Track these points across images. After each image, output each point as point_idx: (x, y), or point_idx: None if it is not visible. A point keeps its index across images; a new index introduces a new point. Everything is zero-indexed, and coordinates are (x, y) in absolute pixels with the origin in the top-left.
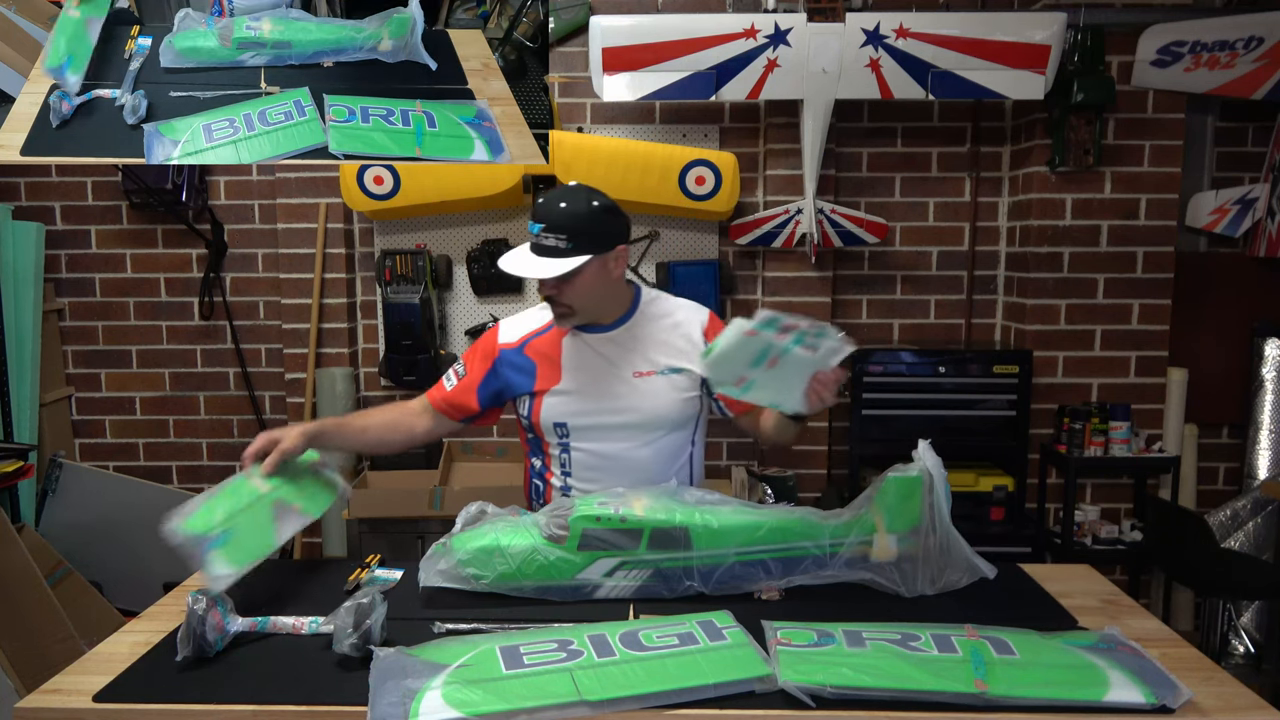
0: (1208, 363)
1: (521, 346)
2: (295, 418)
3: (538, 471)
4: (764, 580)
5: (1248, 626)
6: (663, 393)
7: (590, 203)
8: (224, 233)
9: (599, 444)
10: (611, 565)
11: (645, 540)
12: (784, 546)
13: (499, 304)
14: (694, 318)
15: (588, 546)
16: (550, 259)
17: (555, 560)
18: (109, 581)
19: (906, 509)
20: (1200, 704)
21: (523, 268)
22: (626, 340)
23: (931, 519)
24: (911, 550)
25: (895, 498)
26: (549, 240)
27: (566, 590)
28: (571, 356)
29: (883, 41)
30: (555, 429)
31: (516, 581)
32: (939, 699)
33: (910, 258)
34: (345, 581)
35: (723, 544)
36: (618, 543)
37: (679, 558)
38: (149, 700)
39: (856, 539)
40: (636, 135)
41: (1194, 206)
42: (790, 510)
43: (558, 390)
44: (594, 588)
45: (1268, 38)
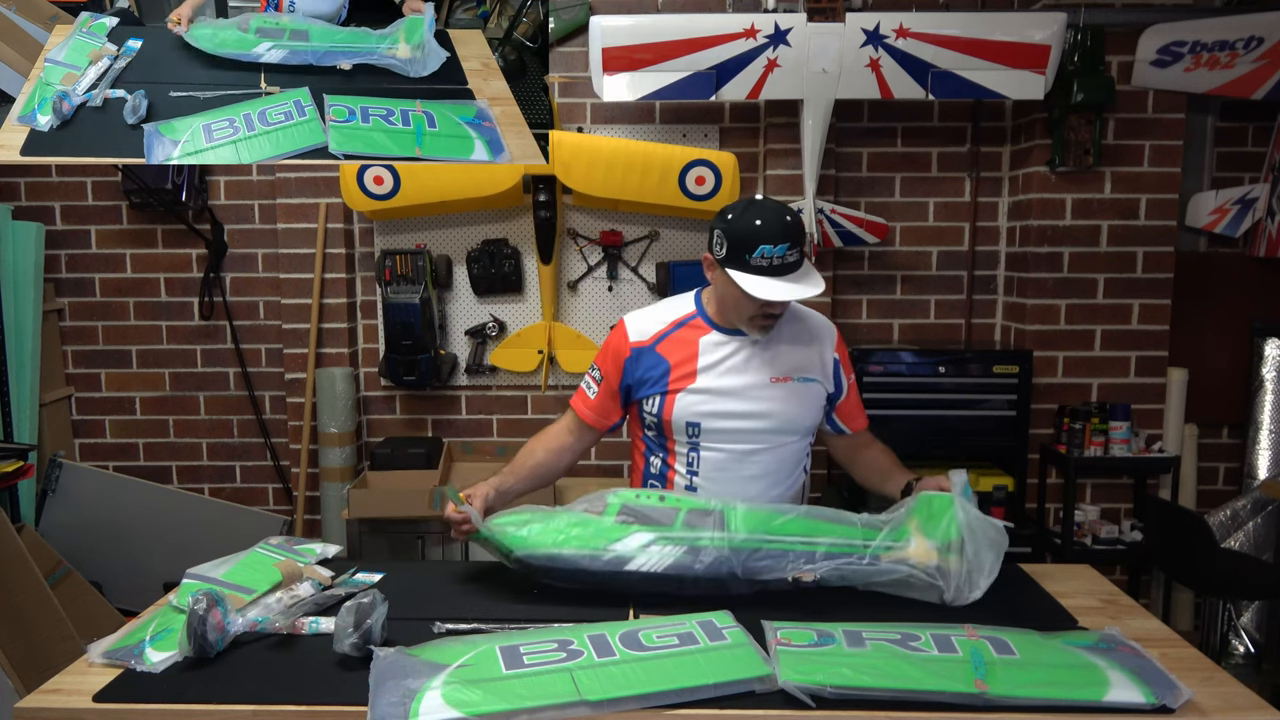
0: (1208, 363)
1: (654, 344)
2: (295, 418)
3: (657, 471)
4: (797, 564)
5: (1248, 626)
6: (796, 400)
7: (796, 214)
8: (224, 233)
9: (730, 444)
10: (646, 539)
11: (680, 518)
12: (816, 540)
13: (499, 304)
14: (825, 332)
15: (624, 519)
16: (803, 273)
17: (590, 527)
18: (109, 581)
19: (939, 523)
20: (1200, 704)
21: (791, 292)
22: (764, 345)
23: (964, 533)
24: (951, 563)
25: (927, 511)
26: (794, 256)
27: (600, 561)
28: (709, 357)
29: (883, 41)
30: (687, 428)
31: (549, 547)
32: (939, 699)
33: (910, 258)
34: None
35: (756, 528)
36: (653, 517)
37: (715, 537)
38: (149, 700)
39: (889, 542)
40: (636, 135)
41: (1194, 206)
42: (820, 508)
43: (694, 389)
44: (627, 559)
45: (1268, 38)
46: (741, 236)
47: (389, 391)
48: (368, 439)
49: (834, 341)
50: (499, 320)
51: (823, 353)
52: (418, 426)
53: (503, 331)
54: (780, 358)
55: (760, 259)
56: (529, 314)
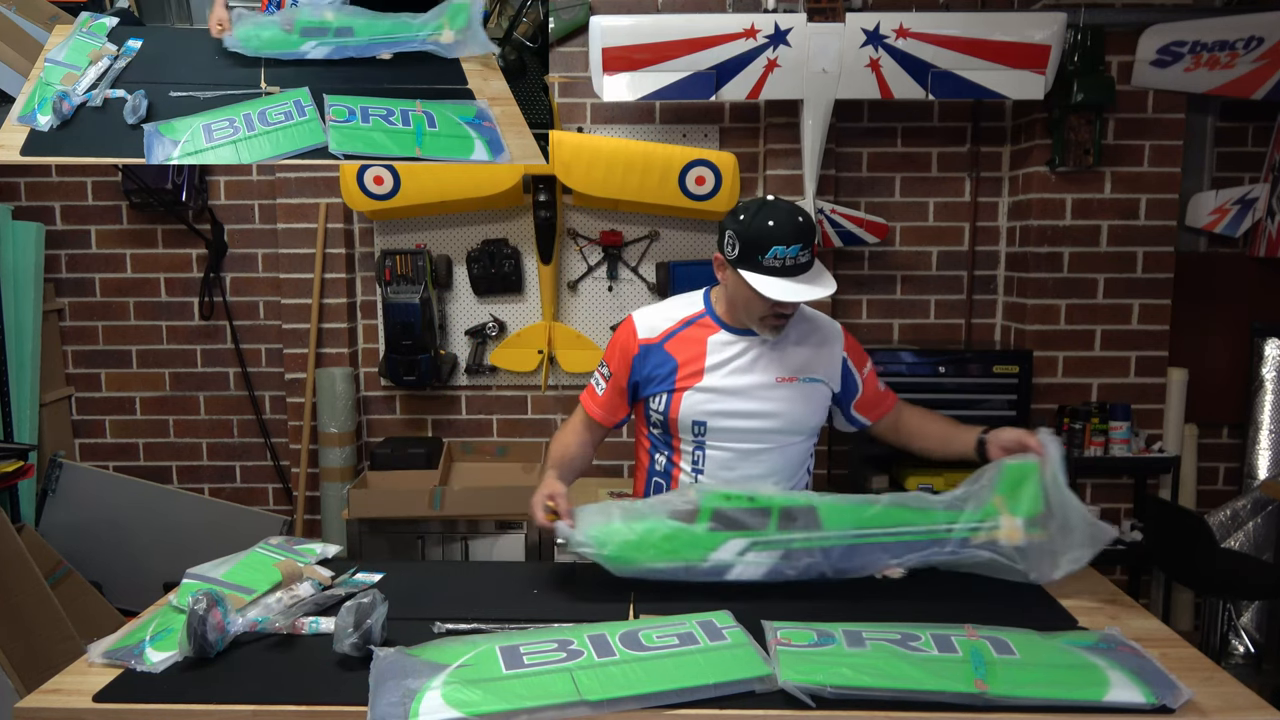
0: (1208, 363)
1: (662, 342)
2: (295, 418)
3: (661, 468)
4: (884, 560)
5: (1248, 626)
6: (802, 400)
7: (807, 215)
8: (224, 233)
9: (735, 443)
10: (744, 545)
11: (775, 519)
12: (901, 530)
13: (499, 304)
14: (832, 332)
15: (718, 525)
16: (814, 274)
17: (679, 533)
18: (109, 581)
19: (1025, 495)
20: (1200, 704)
21: (805, 293)
22: (771, 345)
23: (1049, 504)
24: (1037, 537)
25: (1011, 483)
26: (805, 257)
27: (698, 571)
28: (716, 356)
29: (883, 41)
30: (694, 427)
31: (637, 555)
32: (939, 699)
33: (910, 258)
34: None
35: (848, 523)
36: (748, 522)
37: (809, 537)
38: (149, 700)
39: (974, 523)
40: (636, 135)
41: (1194, 206)
42: (902, 494)
43: (701, 388)
44: (726, 568)
45: (1268, 38)
46: (755, 237)
47: (389, 391)
48: (368, 439)
49: (842, 341)
50: (499, 320)
51: (830, 353)
52: (418, 426)
53: (503, 331)
54: (787, 358)
55: (773, 260)
56: (529, 314)
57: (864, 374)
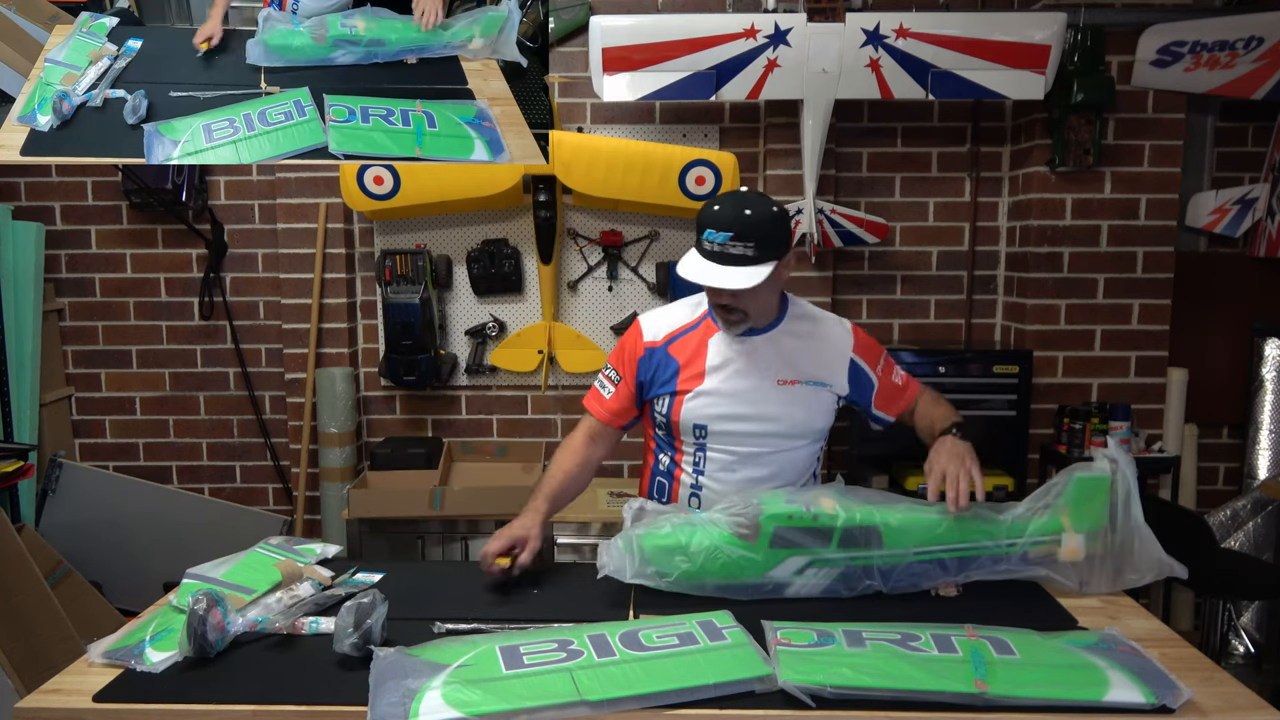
0: (1208, 363)
1: (666, 345)
2: (295, 418)
3: (664, 469)
4: (941, 577)
5: (1248, 626)
6: (804, 403)
7: (770, 208)
8: (224, 233)
9: (736, 447)
10: (801, 564)
11: (836, 539)
12: (963, 546)
13: (499, 304)
14: (840, 332)
15: (779, 545)
16: (738, 267)
17: (739, 559)
18: (109, 581)
19: (1092, 509)
20: (1200, 704)
21: (713, 277)
22: (773, 347)
23: (1114, 518)
24: (1094, 549)
25: (1080, 498)
26: (736, 249)
27: (752, 589)
28: (716, 359)
29: (883, 41)
30: (694, 430)
31: (699, 580)
32: (939, 699)
33: (910, 258)
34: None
35: (909, 542)
36: (808, 542)
37: (869, 556)
38: (149, 700)
39: (1038, 537)
40: (636, 135)
41: (1194, 206)
42: (971, 506)
43: (701, 392)
44: (784, 586)
45: (1268, 38)
46: (699, 219)
47: (389, 391)
48: (368, 439)
49: (851, 342)
50: (499, 320)
51: (836, 356)
52: (418, 426)
53: (503, 331)
54: (789, 361)
55: (706, 242)
56: (529, 314)
57: (878, 370)
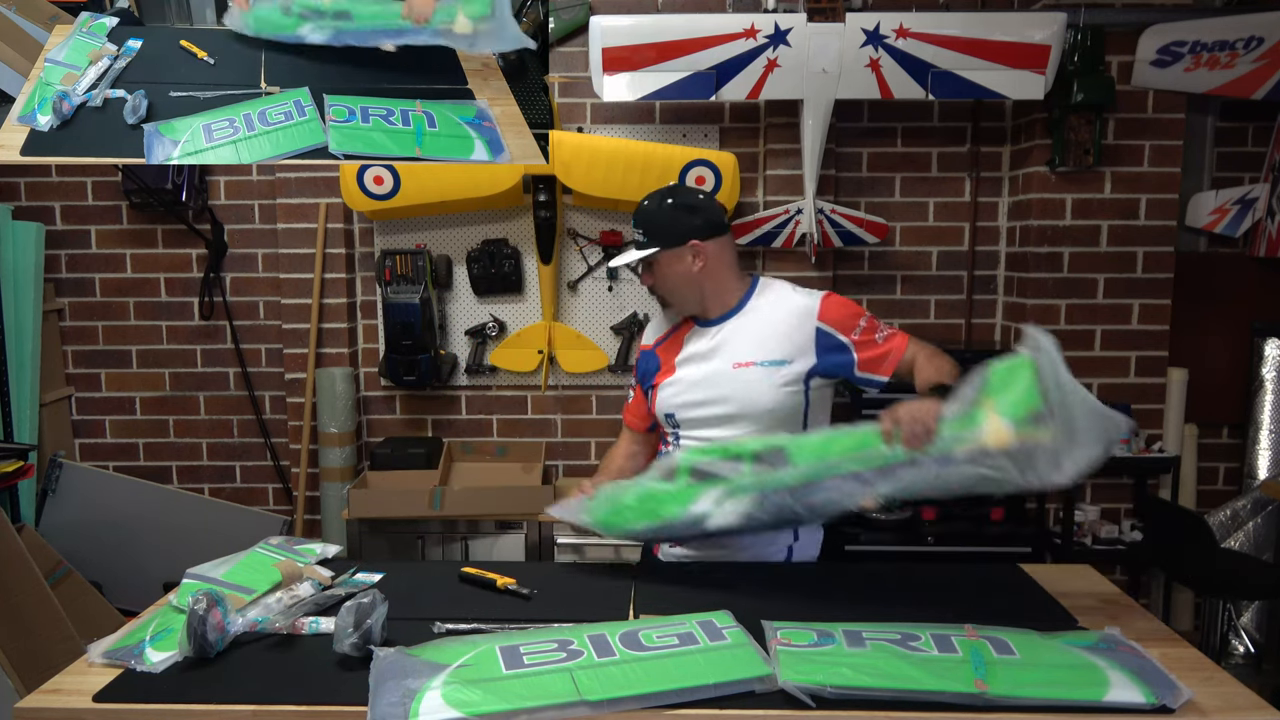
0: (1208, 363)
1: (655, 346)
2: (295, 418)
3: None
4: (861, 493)
5: (1248, 626)
6: (759, 383)
7: (664, 200)
8: (224, 233)
9: (706, 432)
10: (720, 494)
11: (749, 464)
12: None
13: (499, 304)
14: (804, 304)
15: (696, 479)
16: (645, 254)
17: (660, 493)
18: (109, 581)
19: (1015, 393)
20: (1200, 704)
21: (617, 259)
22: (732, 332)
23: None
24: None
25: (999, 384)
26: (638, 235)
27: (679, 526)
28: (687, 351)
29: (883, 41)
30: (667, 419)
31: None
32: (939, 699)
33: (910, 258)
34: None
35: (820, 455)
36: (723, 471)
37: (782, 475)
38: (149, 700)
39: (958, 432)
40: (636, 135)
41: (1194, 206)
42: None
43: (669, 382)
44: (705, 517)
45: (1268, 38)
46: None
47: (389, 391)
48: (368, 439)
49: (816, 313)
50: (499, 320)
51: (799, 330)
52: (418, 426)
53: (503, 331)
54: (746, 343)
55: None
56: (529, 314)
57: (854, 335)
